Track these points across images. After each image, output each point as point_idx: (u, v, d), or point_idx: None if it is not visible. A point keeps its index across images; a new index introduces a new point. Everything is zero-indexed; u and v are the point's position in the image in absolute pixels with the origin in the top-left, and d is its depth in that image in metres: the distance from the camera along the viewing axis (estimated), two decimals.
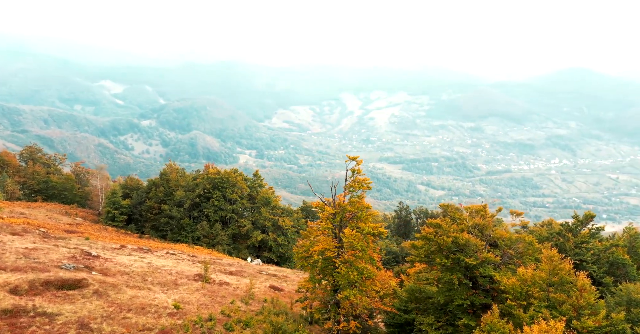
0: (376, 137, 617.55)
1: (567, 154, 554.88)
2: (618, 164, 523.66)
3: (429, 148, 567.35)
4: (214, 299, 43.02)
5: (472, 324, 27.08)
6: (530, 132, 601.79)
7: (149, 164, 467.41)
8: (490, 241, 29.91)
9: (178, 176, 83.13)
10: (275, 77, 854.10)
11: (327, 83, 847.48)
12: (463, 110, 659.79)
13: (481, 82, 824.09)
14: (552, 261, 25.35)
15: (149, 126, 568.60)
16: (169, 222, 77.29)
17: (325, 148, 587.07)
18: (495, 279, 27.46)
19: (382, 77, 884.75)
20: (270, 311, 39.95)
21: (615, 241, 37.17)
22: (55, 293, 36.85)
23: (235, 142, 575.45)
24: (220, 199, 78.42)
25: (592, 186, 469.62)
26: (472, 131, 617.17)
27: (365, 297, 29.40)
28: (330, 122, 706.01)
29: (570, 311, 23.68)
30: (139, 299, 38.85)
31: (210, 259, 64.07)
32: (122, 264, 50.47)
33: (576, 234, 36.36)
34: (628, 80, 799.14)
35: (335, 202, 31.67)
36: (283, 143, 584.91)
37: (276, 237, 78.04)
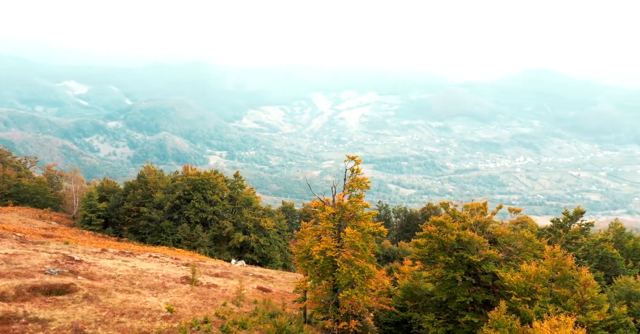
0: (347, 137, 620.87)
1: (531, 152, 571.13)
2: (579, 162, 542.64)
3: (399, 148, 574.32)
4: (205, 302, 42.73)
5: (474, 321, 27.62)
6: (496, 131, 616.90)
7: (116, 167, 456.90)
8: (490, 238, 30.70)
9: (156, 178, 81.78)
10: (245, 77, 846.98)
11: (298, 83, 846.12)
12: (432, 110, 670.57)
13: (449, 82, 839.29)
14: (555, 256, 26.07)
15: (116, 127, 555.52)
16: (149, 225, 75.96)
17: (297, 148, 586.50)
18: (499, 276, 28.08)
19: (352, 77, 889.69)
20: (264, 312, 39.95)
21: (604, 236, 38.70)
22: (44, 299, 35.97)
23: (205, 143, 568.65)
24: (201, 200, 77.60)
25: (555, 183, 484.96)
26: (441, 130, 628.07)
27: (366, 296, 29.76)
28: (301, 122, 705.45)
29: (574, 306, 24.27)
30: (130, 303, 38.28)
31: (194, 261, 63.42)
32: (107, 268, 49.48)
33: (567, 230, 37.67)
34: (588, 80, 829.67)
35: (335, 202, 31.95)
36: (254, 144, 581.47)
37: (258, 238, 77.77)
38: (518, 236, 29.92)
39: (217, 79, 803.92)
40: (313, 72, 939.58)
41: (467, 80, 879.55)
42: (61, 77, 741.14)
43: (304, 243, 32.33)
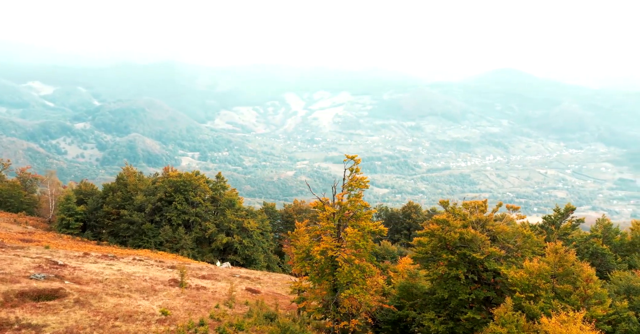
0: (321, 137, 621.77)
1: (500, 151, 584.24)
2: (546, 160, 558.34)
3: (372, 147, 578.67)
4: (198, 304, 42.44)
5: (477, 318, 28.11)
6: (467, 130, 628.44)
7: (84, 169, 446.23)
8: (491, 236, 31.36)
9: (136, 180, 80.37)
10: (216, 77, 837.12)
11: (270, 83, 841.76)
12: (404, 109, 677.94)
13: (420, 82, 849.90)
14: (557, 253, 26.73)
15: (84, 128, 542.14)
16: (129, 228, 74.61)
17: (270, 149, 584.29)
18: (501, 273, 28.64)
19: (325, 77, 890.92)
20: (259, 314, 39.92)
21: (592, 232, 40.00)
22: (34, 304, 35.19)
23: (177, 144, 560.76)
24: (183, 202, 76.69)
25: (523, 180, 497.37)
26: (413, 129, 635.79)
27: (367, 295, 30.05)
28: (274, 122, 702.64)
29: (578, 301, 24.89)
30: (123, 307, 37.77)
31: (179, 264, 62.70)
32: (93, 272, 48.61)
33: (558, 226, 38.78)
34: (554, 81, 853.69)
35: (335, 201, 32.20)
36: (227, 144, 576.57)
37: (241, 239, 77.36)
38: (517, 233, 30.64)
39: (189, 79, 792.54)
40: (286, 72, 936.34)
41: (437, 80, 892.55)
42: (25, 78, 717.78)
43: (304, 243, 32.45)
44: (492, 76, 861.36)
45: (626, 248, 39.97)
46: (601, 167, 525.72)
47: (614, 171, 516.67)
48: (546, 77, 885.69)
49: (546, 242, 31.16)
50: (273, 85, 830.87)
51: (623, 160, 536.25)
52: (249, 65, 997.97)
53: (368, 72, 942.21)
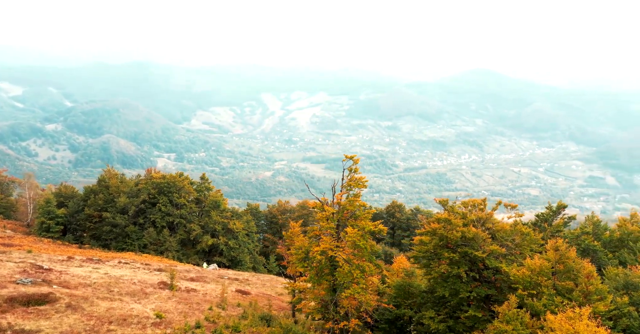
0: (298, 138, 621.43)
1: (475, 150, 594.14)
2: (519, 158, 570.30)
3: (350, 147, 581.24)
4: (191, 307, 42.12)
5: (478, 316, 28.54)
6: (443, 130, 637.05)
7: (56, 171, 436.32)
8: (491, 234, 31.90)
9: (118, 182, 79.09)
10: (192, 77, 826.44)
11: (247, 83, 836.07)
12: (381, 109, 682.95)
13: (397, 82, 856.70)
14: (558, 250, 27.30)
15: (55, 130, 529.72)
16: (113, 231, 73.32)
17: (248, 149, 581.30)
18: (502, 271, 29.12)
19: (302, 77, 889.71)
20: (254, 315, 39.83)
21: (582, 228, 41.13)
22: (25, 310, 34.47)
23: (152, 146, 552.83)
24: (167, 204, 75.76)
25: (498, 179, 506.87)
26: (390, 129, 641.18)
27: (368, 294, 30.27)
28: (251, 123, 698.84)
29: (580, 297, 25.40)
30: (116, 311, 37.27)
31: (166, 266, 62.00)
32: (80, 276, 47.81)
33: (551, 223, 39.73)
34: (526, 81, 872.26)
35: (334, 201, 32.37)
36: (204, 145, 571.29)
37: (227, 241, 76.88)
38: (515, 231, 31.29)
39: (164, 80, 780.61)
40: (263, 73, 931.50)
41: (413, 80, 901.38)
42: None
43: (303, 244, 32.51)
44: (466, 76, 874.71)
45: (614, 244, 41.27)
46: (572, 165, 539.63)
47: (584, 169, 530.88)
48: (519, 77, 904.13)
49: (542, 240, 31.88)
50: (250, 85, 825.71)
51: (593, 158, 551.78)
52: (225, 65, 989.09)
53: (345, 73, 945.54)
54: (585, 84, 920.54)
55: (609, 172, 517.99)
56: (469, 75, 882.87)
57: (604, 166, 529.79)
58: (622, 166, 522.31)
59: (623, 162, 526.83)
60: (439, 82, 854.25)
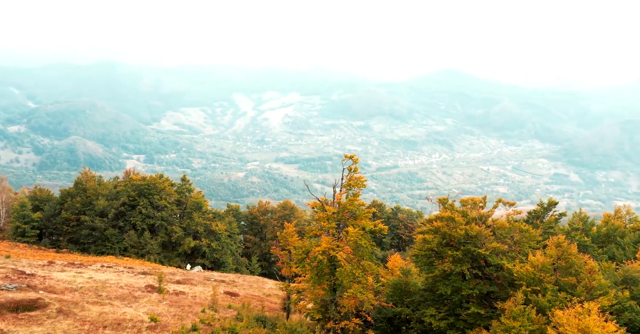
0: (271, 138, 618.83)
1: (445, 149, 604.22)
2: (488, 157, 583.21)
3: (323, 147, 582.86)
4: (183, 309, 41.70)
5: (481, 313, 29.01)
6: (413, 129, 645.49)
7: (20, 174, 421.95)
8: (491, 231, 32.48)
9: (96, 185, 77.31)
10: (161, 77, 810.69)
11: (218, 84, 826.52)
12: (353, 109, 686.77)
13: (368, 82, 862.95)
14: (561, 246, 27.93)
15: (18, 132, 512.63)
16: (92, 234, 71.65)
17: (220, 150, 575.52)
18: (505, 268, 29.63)
19: (274, 77, 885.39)
20: (249, 316, 39.67)
21: (571, 224, 42.48)
22: (15, 316, 33.61)
23: (121, 147, 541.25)
24: (148, 206, 74.50)
25: (468, 177, 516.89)
26: (362, 129, 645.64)
27: (370, 293, 30.54)
28: (223, 123, 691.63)
29: (583, 292, 25.98)
30: (109, 315, 36.67)
31: (151, 269, 61.06)
32: (65, 281, 46.72)
33: (542, 220, 40.88)
34: (493, 80, 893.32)
35: (335, 201, 32.58)
36: (174, 146, 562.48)
37: (210, 242, 76.16)
38: (514, 228, 32.05)
39: (132, 80, 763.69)
40: (234, 73, 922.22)
41: (384, 80, 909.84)
42: None
43: (303, 244, 32.60)
44: (436, 76, 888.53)
45: (602, 240, 42.89)
46: (538, 163, 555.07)
47: (549, 167, 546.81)
48: (486, 77, 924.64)
49: (540, 237, 32.77)
50: (221, 85, 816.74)
51: (557, 156, 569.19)
52: (195, 65, 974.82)
53: (316, 73, 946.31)
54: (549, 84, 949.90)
55: (573, 169, 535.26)
56: (438, 75, 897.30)
57: (568, 164, 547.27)
58: (585, 163, 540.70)
59: (585, 159, 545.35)
60: (409, 82, 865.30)
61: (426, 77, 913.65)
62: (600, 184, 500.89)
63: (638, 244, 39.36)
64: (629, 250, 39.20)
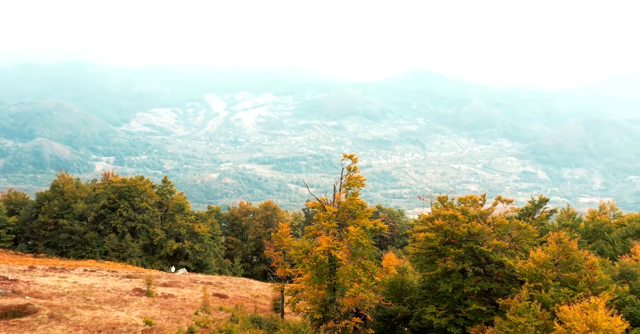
0: (244, 138, 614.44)
1: (417, 148, 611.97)
2: (459, 156, 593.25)
3: (297, 147, 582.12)
4: (176, 312, 41.27)
5: (483, 309, 29.49)
6: (386, 129, 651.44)
7: None
8: (492, 229, 33.08)
9: (74, 187, 75.40)
10: (131, 78, 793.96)
11: (189, 84, 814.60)
12: (326, 109, 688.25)
13: (341, 82, 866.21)
14: (562, 242, 28.54)
15: None
16: (71, 238, 69.87)
17: (192, 151, 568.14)
18: (507, 264, 30.14)
19: (246, 77, 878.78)
20: (244, 318, 39.51)
21: (559, 220, 43.69)
22: (6, 322, 32.83)
23: (89, 149, 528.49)
24: (129, 208, 73.09)
25: (440, 176, 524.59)
26: (336, 129, 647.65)
27: (371, 292, 30.77)
28: (195, 124, 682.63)
29: (585, 287, 26.53)
30: (102, 320, 36.08)
31: (134, 273, 60.03)
32: (50, 286, 45.61)
33: (534, 217, 41.90)
34: (463, 80, 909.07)
35: (335, 200, 32.75)
36: (145, 148, 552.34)
37: (192, 244, 75.32)
38: (512, 225, 32.75)
39: (100, 80, 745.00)
40: (205, 73, 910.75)
41: (357, 80, 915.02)
42: None
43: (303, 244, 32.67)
44: (407, 76, 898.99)
45: (589, 235, 44.35)
46: (507, 162, 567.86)
47: (518, 165, 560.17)
48: (456, 77, 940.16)
49: (536, 233, 33.59)
50: (192, 86, 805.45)
51: (525, 154, 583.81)
52: (165, 65, 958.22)
53: (289, 73, 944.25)
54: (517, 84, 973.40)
55: (540, 167, 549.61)
56: (410, 75, 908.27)
57: (536, 162, 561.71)
58: (552, 161, 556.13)
59: (552, 157, 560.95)
60: (382, 82, 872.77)
61: (398, 77, 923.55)
62: (566, 181, 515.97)
63: (626, 239, 40.95)
64: (618, 245, 40.68)
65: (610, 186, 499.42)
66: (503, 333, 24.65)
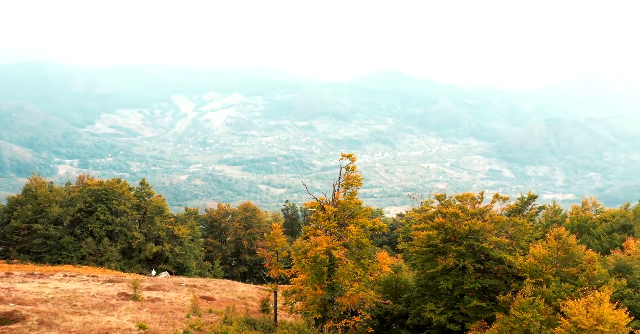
0: (214, 139, 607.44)
1: (387, 148, 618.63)
2: (427, 155, 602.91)
3: (267, 148, 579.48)
4: (167, 316, 40.82)
5: (483, 306, 30.10)
6: (356, 129, 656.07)
7: None
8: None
9: (47, 191, 73.17)
10: (95, 78, 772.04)
11: (156, 84, 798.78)
12: (296, 109, 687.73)
13: (310, 82, 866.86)
14: (561, 238, 29.33)
15: None
16: (46, 243, 67.76)
17: (160, 153, 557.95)
18: (506, 261, 30.76)
19: (215, 77, 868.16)
20: (239, 320, 39.35)
21: (551, 217, 44.99)
22: None
23: (52, 152, 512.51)
24: (106, 212, 71.44)
25: (409, 175, 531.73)
26: (306, 129, 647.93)
27: (372, 291, 31.08)
28: (163, 125, 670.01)
29: (586, 282, 27.24)
30: (93, 325, 35.43)
31: (115, 277, 58.81)
32: (32, 292, 44.39)
33: (524, 214, 43.07)
34: (430, 80, 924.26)
35: (335, 200, 32.96)
36: (111, 150, 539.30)
37: (172, 247, 74.22)
38: (508, 222, 33.59)
39: (62, 81, 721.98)
40: (172, 73, 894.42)
41: (326, 80, 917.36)
42: None
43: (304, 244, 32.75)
44: (376, 77, 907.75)
45: (575, 231, 45.90)
46: (474, 160, 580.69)
47: (484, 163, 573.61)
48: (424, 77, 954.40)
49: (531, 230, 34.56)
50: (159, 86, 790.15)
51: (491, 152, 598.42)
52: (131, 65, 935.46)
53: (258, 73, 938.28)
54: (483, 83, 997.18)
55: (505, 165, 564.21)
56: (379, 75, 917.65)
57: (501, 160, 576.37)
58: (516, 159, 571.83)
59: (517, 155, 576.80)
60: (351, 83, 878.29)
61: (367, 77, 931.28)
62: (530, 179, 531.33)
63: (612, 233, 42.73)
64: (605, 240, 42.34)
65: (571, 182, 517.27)
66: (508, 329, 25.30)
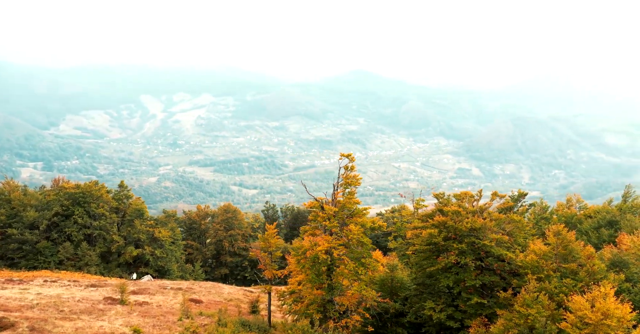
0: (184, 141, 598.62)
1: (359, 148, 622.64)
2: (398, 154, 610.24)
3: (239, 149, 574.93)
4: (159, 319, 40.36)
5: (484, 302, 30.71)
6: (328, 129, 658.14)
7: None
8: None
9: (21, 195, 70.88)
10: (59, 79, 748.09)
11: (123, 85, 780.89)
12: (267, 110, 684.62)
13: (281, 83, 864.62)
14: (561, 235, 30.17)
15: None
16: (22, 248, 65.67)
17: (128, 155, 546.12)
18: (507, 258, 31.40)
19: (184, 78, 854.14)
20: (234, 322, 39.11)
21: (540, 214, 46.25)
22: None
23: (13, 155, 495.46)
24: (84, 215, 69.71)
25: (381, 174, 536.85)
26: (278, 130, 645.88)
27: (373, 290, 31.36)
28: (130, 127, 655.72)
29: (586, 277, 28.06)
30: (86, 330, 34.81)
31: (97, 281, 57.56)
32: (15, 299, 43.20)
33: (515, 212, 44.20)
34: (400, 80, 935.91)
35: (334, 200, 33.15)
36: (77, 152, 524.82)
37: (153, 250, 73.07)
38: (506, 219, 34.39)
39: (24, 81, 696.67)
40: (140, 73, 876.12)
41: (297, 81, 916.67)
42: None
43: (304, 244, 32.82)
44: (346, 77, 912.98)
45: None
46: (444, 159, 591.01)
47: (453, 162, 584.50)
48: (394, 78, 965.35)
49: (527, 227, 35.52)
50: (126, 87, 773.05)
51: (460, 151, 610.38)
52: (96, 65, 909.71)
53: (229, 73, 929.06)
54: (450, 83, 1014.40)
55: (474, 163, 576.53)
56: (349, 75, 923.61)
57: (470, 158, 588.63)
58: (484, 157, 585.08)
59: (484, 154, 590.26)
60: (321, 83, 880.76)
61: (338, 77, 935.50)
62: (498, 177, 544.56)
63: (600, 229, 44.38)
64: (593, 236, 43.90)
65: (537, 180, 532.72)
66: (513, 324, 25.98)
